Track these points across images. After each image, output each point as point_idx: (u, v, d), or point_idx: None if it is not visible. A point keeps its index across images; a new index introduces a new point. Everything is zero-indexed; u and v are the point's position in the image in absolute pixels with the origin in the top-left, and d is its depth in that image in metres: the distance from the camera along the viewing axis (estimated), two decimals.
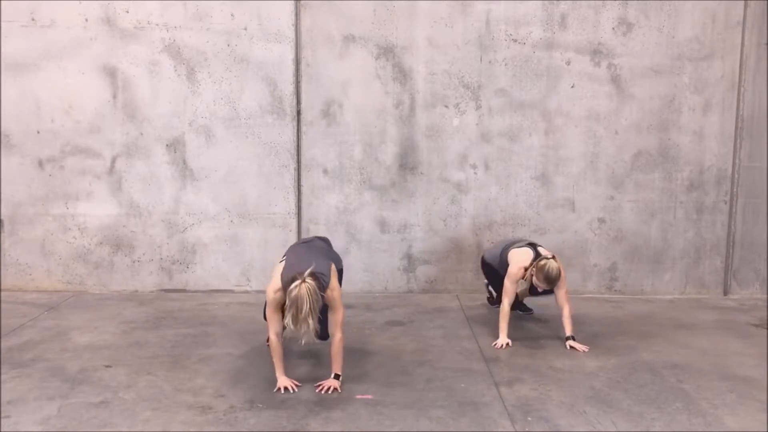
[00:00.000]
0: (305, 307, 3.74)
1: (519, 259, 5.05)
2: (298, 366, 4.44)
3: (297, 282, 3.81)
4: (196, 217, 6.27)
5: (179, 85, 6.13)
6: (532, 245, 5.14)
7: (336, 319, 4.12)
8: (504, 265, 5.16)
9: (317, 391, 4.05)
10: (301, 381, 4.17)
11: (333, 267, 4.21)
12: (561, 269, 4.89)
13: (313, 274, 3.89)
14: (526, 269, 4.99)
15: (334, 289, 4.10)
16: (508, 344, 4.90)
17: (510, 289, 4.99)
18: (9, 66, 6.04)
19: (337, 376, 4.14)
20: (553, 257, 4.95)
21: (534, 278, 4.94)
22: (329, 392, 4.05)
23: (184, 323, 5.38)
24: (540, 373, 4.43)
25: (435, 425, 3.67)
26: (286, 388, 4.06)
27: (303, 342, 3.91)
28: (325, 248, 4.57)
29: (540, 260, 4.91)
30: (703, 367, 4.59)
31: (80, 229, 6.23)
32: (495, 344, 4.92)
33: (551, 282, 4.87)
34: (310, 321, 3.76)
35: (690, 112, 6.32)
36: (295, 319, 3.77)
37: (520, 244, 5.22)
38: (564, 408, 3.91)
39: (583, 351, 4.84)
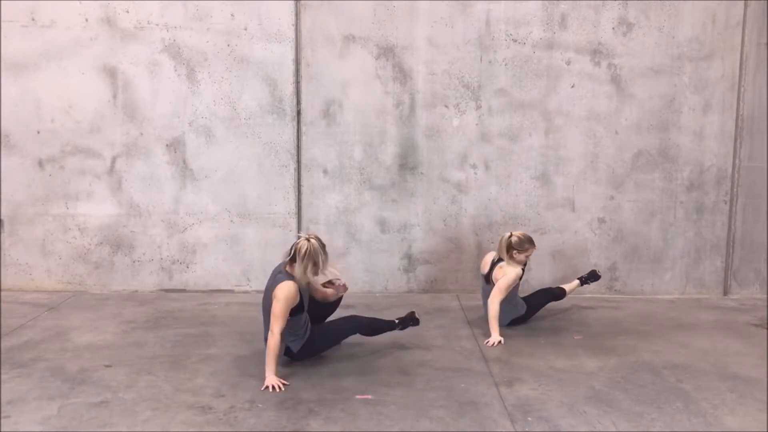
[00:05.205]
0: (320, 256, 4.20)
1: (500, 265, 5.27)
2: (295, 370, 4.45)
3: (303, 238, 4.26)
4: (196, 217, 6.27)
5: (179, 85, 6.13)
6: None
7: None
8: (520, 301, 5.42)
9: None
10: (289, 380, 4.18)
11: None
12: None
13: (316, 237, 4.29)
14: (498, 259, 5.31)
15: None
16: (500, 342, 4.94)
17: (504, 291, 5.12)
18: (9, 66, 6.04)
19: None
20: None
21: (516, 255, 5.22)
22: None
23: (184, 323, 5.38)
24: (540, 373, 4.43)
25: (435, 425, 3.67)
26: (273, 387, 4.06)
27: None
28: None
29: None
30: (703, 367, 4.58)
31: (80, 229, 6.23)
32: (488, 342, 4.94)
33: (502, 244, 5.23)
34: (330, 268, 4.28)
35: (690, 112, 6.32)
36: (315, 269, 4.22)
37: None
38: (564, 408, 3.91)
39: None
